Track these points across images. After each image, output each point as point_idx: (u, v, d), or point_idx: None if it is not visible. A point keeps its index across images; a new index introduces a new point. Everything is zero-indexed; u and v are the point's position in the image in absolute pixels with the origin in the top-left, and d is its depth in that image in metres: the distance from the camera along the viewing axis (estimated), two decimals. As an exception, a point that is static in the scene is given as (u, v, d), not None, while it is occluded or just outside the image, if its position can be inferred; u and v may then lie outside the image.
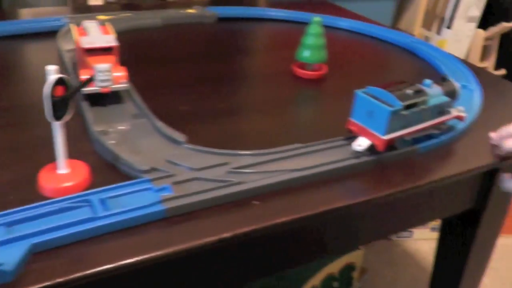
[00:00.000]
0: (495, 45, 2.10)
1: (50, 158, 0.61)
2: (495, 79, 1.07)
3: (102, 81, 0.76)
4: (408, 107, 0.66)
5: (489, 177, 0.84)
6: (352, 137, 0.69)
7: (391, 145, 0.68)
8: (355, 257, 1.37)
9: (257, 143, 0.69)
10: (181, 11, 1.25)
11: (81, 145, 0.68)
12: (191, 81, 0.91)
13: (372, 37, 1.25)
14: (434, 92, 0.71)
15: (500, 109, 0.90)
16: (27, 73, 0.94)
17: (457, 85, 0.75)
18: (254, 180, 0.60)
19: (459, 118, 0.76)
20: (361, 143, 0.66)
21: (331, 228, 0.68)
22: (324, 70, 0.96)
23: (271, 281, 1.25)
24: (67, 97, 0.57)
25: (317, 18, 0.91)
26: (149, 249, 0.51)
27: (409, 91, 0.67)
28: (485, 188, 0.85)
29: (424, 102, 0.69)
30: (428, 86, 0.72)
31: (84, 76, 0.75)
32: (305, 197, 0.60)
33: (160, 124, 0.71)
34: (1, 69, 0.94)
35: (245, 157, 0.65)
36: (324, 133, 0.72)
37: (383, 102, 0.65)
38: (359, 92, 0.68)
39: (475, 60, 2.04)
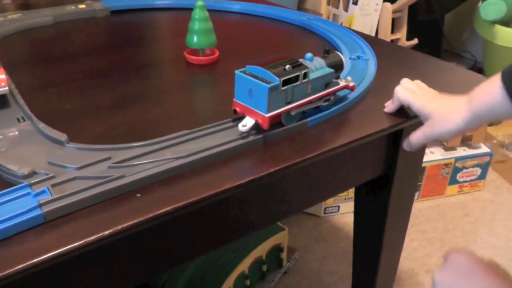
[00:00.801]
0: (404, 16, 2.16)
1: None
2: (392, 48, 1.09)
3: (-20, 87, 0.72)
4: (286, 82, 0.66)
5: (394, 142, 0.85)
6: (240, 118, 0.69)
7: (276, 122, 0.68)
8: (280, 238, 1.38)
9: (146, 134, 0.67)
10: (72, 7, 1.21)
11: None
12: (80, 77, 0.88)
13: (267, 18, 1.24)
14: (317, 65, 0.71)
15: (395, 75, 0.91)
16: None
17: (341, 56, 0.75)
18: (136, 173, 0.59)
19: (349, 88, 0.77)
20: (246, 123, 0.66)
21: (229, 210, 0.68)
22: (217, 54, 0.95)
23: (198, 270, 1.24)
24: None
25: (199, 2, 0.90)
26: (25, 258, 0.49)
27: (287, 67, 0.66)
28: (391, 153, 0.87)
29: (305, 76, 0.68)
30: (309, 60, 0.72)
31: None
32: (190, 183, 0.59)
33: (42, 126, 0.68)
34: None
35: (127, 150, 0.63)
36: (216, 117, 0.71)
37: (261, 79, 0.64)
38: (238, 72, 0.67)
39: (386, 32, 2.09)
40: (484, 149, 1.92)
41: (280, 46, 1.09)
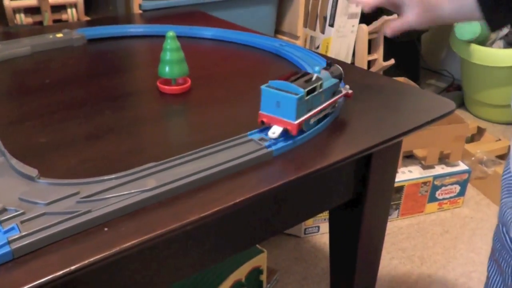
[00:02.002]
0: (380, 37, 2.19)
1: None
2: (363, 74, 1.12)
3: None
4: (309, 92, 0.75)
5: (365, 163, 0.88)
6: (207, 147, 0.71)
7: (300, 128, 0.76)
8: (260, 260, 1.39)
9: (114, 167, 0.68)
10: (50, 36, 1.23)
11: None
12: (56, 109, 0.90)
13: (240, 44, 1.26)
14: (324, 77, 0.80)
15: (363, 101, 0.94)
16: None
17: (340, 68, 0.86)
18: (103, 207, 0.60)
19: (348, 95, 0.88)
20: (275, 131, 0.75)
21: (202, 238, 0.70)
22: (189, 83, 0.96)
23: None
24: None
25: (170, 32, 0.92)
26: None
27: (306, 78, 0.77)
28: (363, 174, 0.89)
29: (321, 86, 0.78)
30: (318, 72, 0.80)
31: None
32: (157, 215, 0.61)
33: (14, 161, 0.69)
34: None
35: (96, 184, 0.64)
36: (187, 147, 0.73)
37: (287, 92, 0.73)
38: (264, 87, 0.76)
39: (363, 54, 2.12)
40: (462, 166, 1.95)
41: (251, 73, 1.11)
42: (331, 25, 2.02)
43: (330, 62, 0.86)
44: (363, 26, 2.08)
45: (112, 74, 1.08)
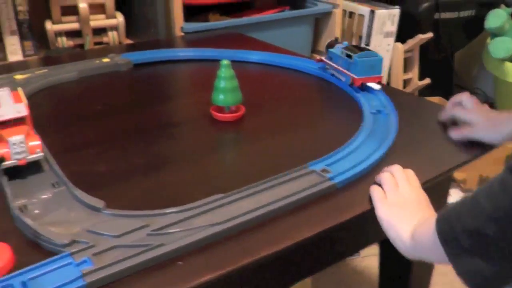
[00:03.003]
0: (416, 56, 2.18)
1: None
2: (409, 99, 1.11)
3: (17, 153, 0.74)
4: None
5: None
6: (269, 179, 0.71)
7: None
8: (304, 285, 1.38)
9: (178, 198, 0.69)
10: (96, 61, 1.24)
11: (2, 223, 0.66)
12: (108, 137, 0.91)
13: (284, 68, 1.26)
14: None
15: (416, 130, 0.93)
16: None
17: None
18: (174, 240, 0.60)
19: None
20: (375, 86, 1.03)
21: (269, 269, 0.70)
22: (242, 110, 0.97)
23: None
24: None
25: (225, 61, 0.92)
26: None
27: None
28: None
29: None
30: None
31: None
32: (228, 250, 0.61)
33: (78, 192, 0.70)
34: None
35: (165, 216, 0.64)
36: (246, 179, 0.73)
37: (373, 57, 1.04)
38: (359, 59, 1.03)
39: (398, 73, 2.11)
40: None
41: (301, 99, 1.11)
42: (367, 44, 2.02)
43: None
44: (399, 44, 2.07)
45: (163, 100, 1.08)
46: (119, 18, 1.55)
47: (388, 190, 0.71)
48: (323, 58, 1.20)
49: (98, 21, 1.54)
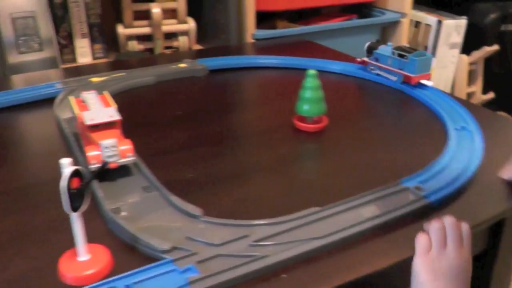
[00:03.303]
0: (480, 69, 2.13)
1: (66, 242, 0.61)
2: (491, 115, 1.08)
3: (109, 157, 0.75)
4: None
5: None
6: (363, 195, 0.70)
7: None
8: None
9: (271, 209, 0.69)
10: (173, 66, 1.26)
11: (94, 224, 0.67)
12: (191, 144, 0.91)
13: (363, 79, 1.25)
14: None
15: (502, 148, 0.90)
16: (26, 149, 0.93)
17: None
18: (277, 253, 0.60)
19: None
20: (428, 83, 1.13)
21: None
22: (325, 121, 0.96)
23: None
24: (83, 189, 0.57)
25: (311, 71, 0.92)
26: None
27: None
28: (495, 230, 0.84)
29: None
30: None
31: (90, 153, 0.75)
32: (331, 264, 0.60)
33: (174, 198, 0.70)
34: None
35: (264, 227, 0.64)
36: (337, 192, 0.73)
37: (423, 56, 1.12)
38: (415, 58, 1.10)
39: (462, 85, 2.07)
40: None
41: (380, 110, 1.11)
42: (433, 55, 1.99)
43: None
44: (464, 56, 2.04)
45: (243, 107, 1.09)
46: (191, 23, 1.57)
47: (434, 245, 0.66)
48: (365, 59, 1.24)
49: (170, 25, 1.56)
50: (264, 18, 1.70)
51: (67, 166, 0.56)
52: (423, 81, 1.14)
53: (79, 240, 0.59)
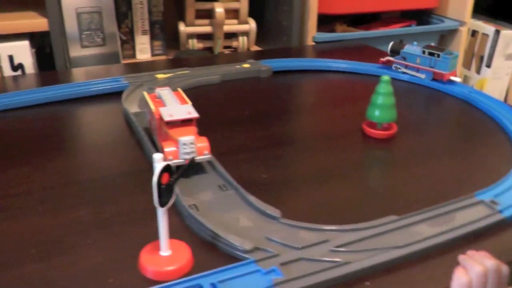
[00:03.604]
0: (534, 82, 2.09)
1: (141, 235, 0.63)
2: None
3: (186, 153, 0.77)
4: None
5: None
6: (437, 206, 0.70)
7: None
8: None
9: (346, 215, 0.70)
10: (237, 66, 1.27)
11: (171, 221, 0.67)
12: (263, 144, 0.92)
13: (430, 88, 1.24)
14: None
15: None
16: (95, 141, 0.96)
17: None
18: (359, 260, 0.60)
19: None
20: (457, 79, 1.19)
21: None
22: (394, 128, 0.96)
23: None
24: (172, 184, 0.58)
25: (386, 77, 0.92)
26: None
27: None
28: None
29: None
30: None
31: (168, 149, 0.76)
32: (412, 275, 0.60)
33: (253, 198, 0.71)
34: (68, 138, 0.96)
35: (344, 233, 0.65)
36: (411, 202, 0.73)
37: (450, 54, 1.16)
38: (445, 55, 1.17)
39: (517, 97, 2.04)
40: None
41: (450, 123, 1.10)
42: (488, 65, 1.96)
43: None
44: (520, 68, 2.00)
45: (311, 110, 1.09)
46: (251, 24, 1.58)
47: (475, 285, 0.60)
48: (390, 58, 1.27)
49: (231, 25, 1.57)
50: (323, 22, 1.70)
51: (159, 161, 0.56)
52: (452, 78, 1.20)
53: (163, 235, 0.60)
